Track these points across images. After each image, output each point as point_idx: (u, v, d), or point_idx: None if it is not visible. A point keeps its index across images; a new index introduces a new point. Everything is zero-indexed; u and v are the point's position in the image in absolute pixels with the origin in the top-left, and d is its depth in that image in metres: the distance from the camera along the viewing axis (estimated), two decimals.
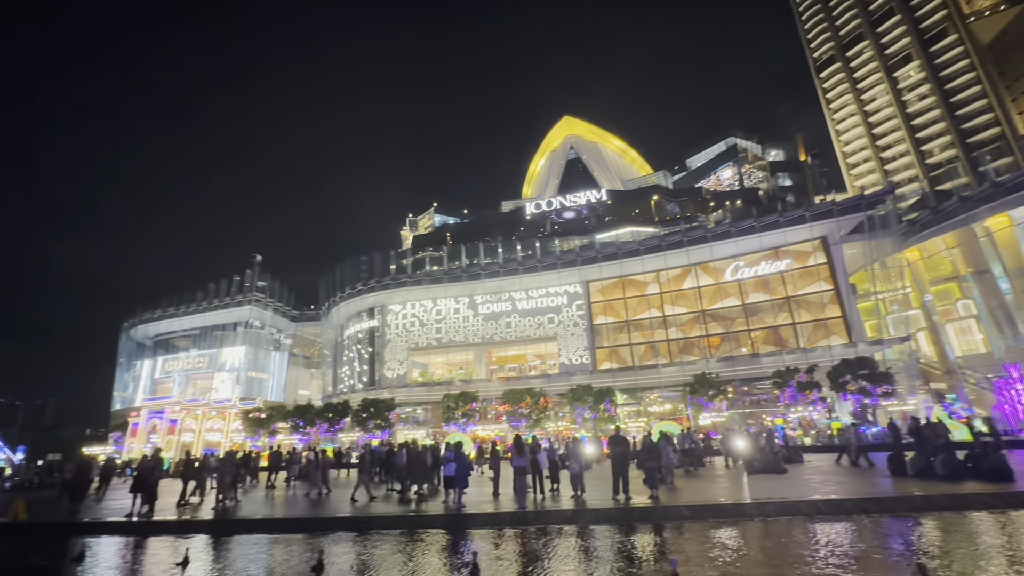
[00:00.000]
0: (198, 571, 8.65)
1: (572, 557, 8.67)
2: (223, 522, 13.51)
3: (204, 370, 70.67)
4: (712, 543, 9.17)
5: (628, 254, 51.41)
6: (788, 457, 21.97)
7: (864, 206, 43.80)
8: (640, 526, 11.12)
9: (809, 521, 10.73)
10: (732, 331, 47.87)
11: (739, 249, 47.86)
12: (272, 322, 73.46)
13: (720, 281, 48.75)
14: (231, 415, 50.55)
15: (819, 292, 45.02)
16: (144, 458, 16.33)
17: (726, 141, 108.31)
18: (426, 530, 11.64)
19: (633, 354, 49.92)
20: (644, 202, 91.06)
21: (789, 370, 36.67)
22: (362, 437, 43.79)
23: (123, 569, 9.35)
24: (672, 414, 44.48)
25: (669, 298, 50.17)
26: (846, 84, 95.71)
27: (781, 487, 14.67)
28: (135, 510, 14.68)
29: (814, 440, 34.74)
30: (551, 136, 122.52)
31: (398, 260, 63.76)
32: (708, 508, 12.06)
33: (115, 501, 19.28)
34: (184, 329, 74.64)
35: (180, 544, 10.95)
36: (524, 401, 41.22)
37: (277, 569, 8.81)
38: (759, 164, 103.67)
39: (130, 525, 13.58)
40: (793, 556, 8.02)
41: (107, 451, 56.89)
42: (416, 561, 8.95)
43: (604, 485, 15.82)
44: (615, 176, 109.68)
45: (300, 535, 11.70)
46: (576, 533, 10.62)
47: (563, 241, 65.22)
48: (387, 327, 57.31)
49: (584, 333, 51.48)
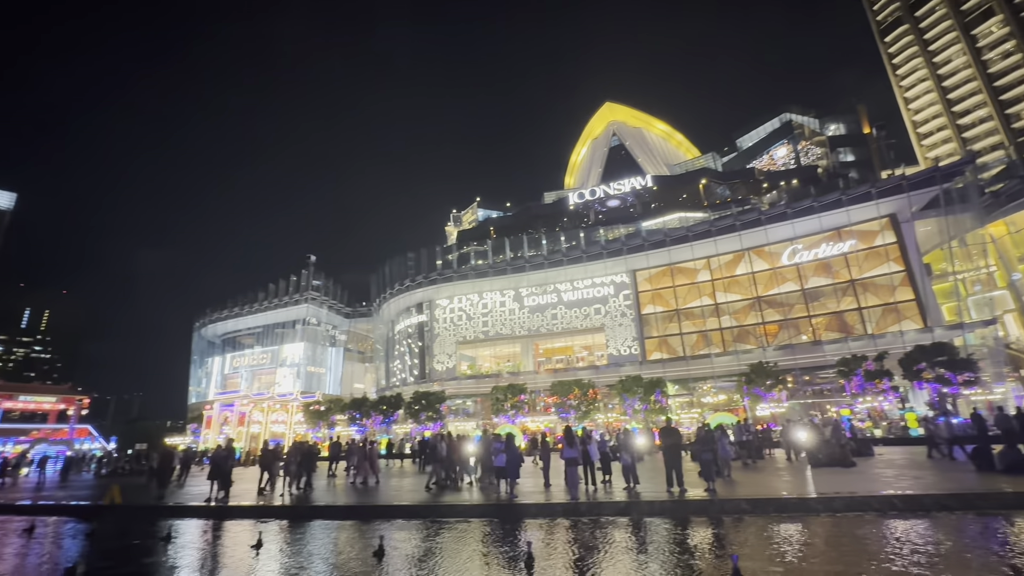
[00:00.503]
0: (271, 553, 9.24)
1: (627, 548, 8.57)
2: (291, 508, 14.32)
3: (267, 366, 75.12)
4: (775, 538, 8.79)
5: (676, 241, 49.85)
6: (856, 450, 20.72)
7: (939, 179, 40.25)
8: (696, 519, 10.83)
9: (883, 518, 10.08)
10: (791, 318, 45.50)
11: (797, 231, 45.31)
12: (327, 319, 76.95)
13: (776, 266, 46.38)
14: (293, 408, 53.40)
15: (888, 274, 41.92)
16: (218, 448, 17.49)
17: (780, 118, 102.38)
18: (480, 519, 11.85)
19: (684, 344, 48.50)
20: (692, 186, 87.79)
21: (855, 358, 34.45)
22: (415, 429, 45.13)
23: (205, 549, 10.11)
24: (727, 405, 42.97)
25: (721, 285, 48.29)
26: (915, 47, 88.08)
27: (849, 481, 13.85)
28: (212, 496, 15.82)
29: (885, 432, 32.55)
30: (592, 124, 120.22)
31: (444, 255, 64.85)
32: (769, 502, 11.56)
33: (195, 487, 20.86)
34: (248, 328, 79.60)
35: (254, 528, 11.70)
36: (572, 393, 41.05)
37: (342, 553, 9.24)
38: (817, 140, 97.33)
39: (208, 509, 14.66)
40: (869, 553, 7.55)
41: (186, 441, 61.72)
42: (472, 548, 9.14)
43: (657, 477, 15.52)
44: (660, 161, 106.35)
45: (360, 522, 12.22)
46: (630, 525, 10.48)
47: (608, 230, 64.07)
48: (435, 321, 58.53)
49: (632, 323, 50.52)
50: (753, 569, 6.86)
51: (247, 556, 9.02)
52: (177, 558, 9.28)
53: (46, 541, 11.51)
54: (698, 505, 11.75)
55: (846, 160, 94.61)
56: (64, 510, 16.45)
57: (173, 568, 8.57)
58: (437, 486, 17.23)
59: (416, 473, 24.21)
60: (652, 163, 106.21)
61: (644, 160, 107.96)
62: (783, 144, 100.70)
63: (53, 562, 9.41)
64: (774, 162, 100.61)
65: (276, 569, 8.13)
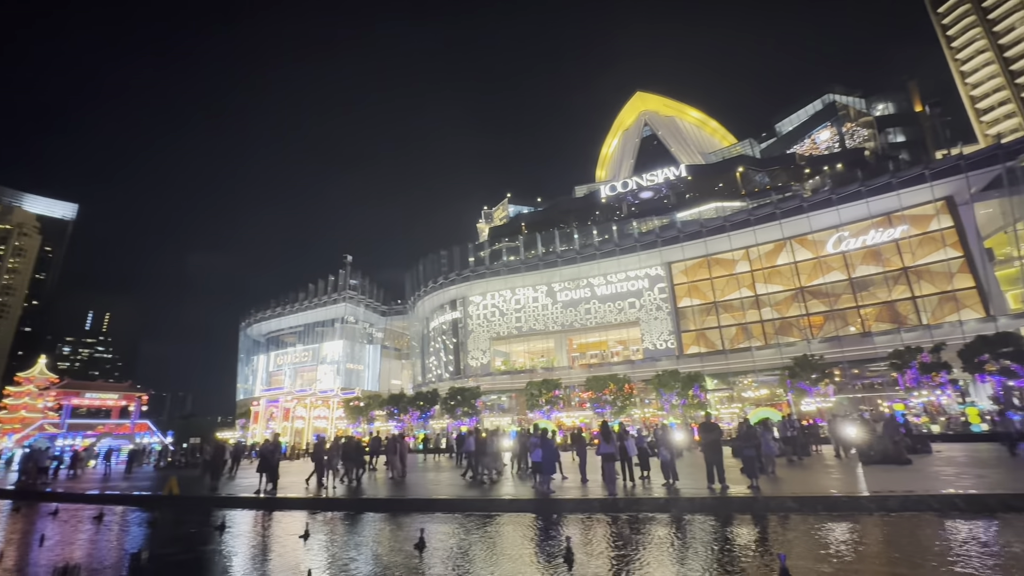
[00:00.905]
0: (317, 543, 9.59)
1: (668, 545, 8.43)
2: (335, 500, 14.79)
3: (309, 363, 77.81)
4: (825, 538, 8.45)
5: (713, 231, 48.51)
6: (912, 446, 19.65)
7: (1002, 157, 37.55)
8: (739, 517, 10.54)
9: (943, 518, 9.53)
10: (837, 308, 43.55)
11: (842, 218, 43.27)
12: (364, 317, 78.92)
13: (820, 254, 44.46)
14: (334, 403, 55.06)
15: (945, 260, 39.51)
16: (265, 442, 18.17)
17: (822, 100, 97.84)
18: (516, 513, 11.91)
19: (723, 337, 47.19)
20: (728, 175, 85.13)
21: (909, 349, 32.69)
22: (451, 424, 45.77)
23: (256, 538, 10.59)
24: (769, 400, 41.60)
25: (761, 276, 46.69)
26: (973, 16, 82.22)
27: (905, 479, 13.16)
28: (261, 488, 16.51)
29: (943, 428, 30.73)
30: (623, 115, 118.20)
31: (476, 253, 65.36)
32: (818, 500, 11.11)
33: (244, 479, 21.83)
34: (290, 327, 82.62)
35: (300, 518, 12.17)
36: (608, 388, 40.67)
37: (385, 544, 9.49)
38: (864, 121, 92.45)
39: (258, 501, 15.32)
40: (929, 555, 7.16)
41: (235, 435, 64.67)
42: (510, 542, 9.20)
43: (697, 473, 15.19)
44: (694, 150, 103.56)
45: (401, 514, 12.50)
46: (670, 521, 10.30)
47: (641, 222, 63.00)
48: (469, 318, 59.08)
49: (668, 317, 49.54)
50: (803, 569, 6.62)
51: (296, 545, 9.39)
52: (231, 546, 9.76)
53: (113, 528, 12.31)
54: (741, 502, 11.42)
55: (896, 141, 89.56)
56: (128, 499, 17.55)
57: (228, 555, 9.02)
58: (474, 480, 17.45)
59: (452, 468, 24.56)
60: (686, 152, 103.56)
61: (678, 150, 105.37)
62: (826, 127, 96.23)
63: (120, 547, 10.06)
64: (816, 146, 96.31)
65: (323, 558, 8.43)
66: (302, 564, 8.03)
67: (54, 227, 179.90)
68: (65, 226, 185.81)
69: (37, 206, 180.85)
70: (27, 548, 10.25)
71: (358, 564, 7.96)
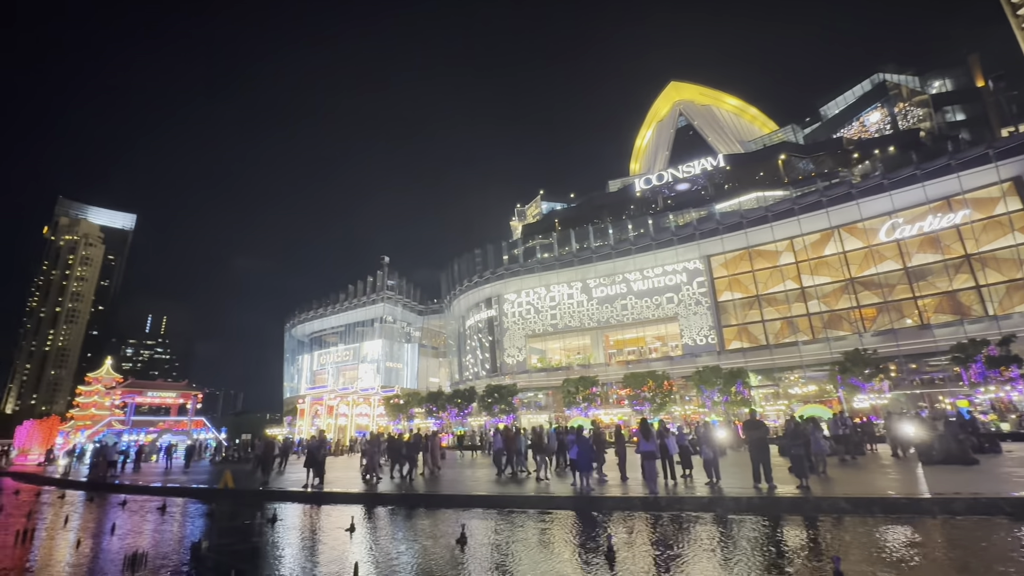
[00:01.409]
0: (363, 535, 9.90)
1: (712, 546, 8.21)
2: (379, 495, 15.20)
3: (350, 362, 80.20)
4: (883, 541, 8.03)
5: (754, 222, 46.85)
6: (979, 445, 18.41)
7: None
8: (788, 518, 10.15)
9: (1016, 523, 8.87)
10: (891, 300, 41.22)
11: (896, 204, 40.90)
12: (402, 317, 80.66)
13: (872, 243, 42.18)
14: (375, 401, 56.50)
15: (1014, 246, 36.74)
16: (312, 439, 18.86)
17: (871, 80, 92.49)
18: (556, 511, 11.90)
19: (767, 331, 45.52)
20: (770, 163, 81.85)
21: (974, 342, 30.60)
22: (488, 421, 46.14)
23: (305, 531, 11.02)
24: (818, 396, 39.86)
25: (807, 267, 44.73)
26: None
27: (971, 480, 12.33)
28: (309, 482, 17.16)
29: (1014, 426, 28.62)
30: (657, 105, 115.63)
31: (510, 250, 65.54)
32: (874, 501, 10.56)
33: (293, 474, 22.73)
34: (332, 327, 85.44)
35: (347, 511, 12.56)
36: (646, 385, 40.00)
37: (428, 538, 9.68)
38: (918, 100, 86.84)
39: (306, 495, 15.93)
40: (1000, 561, 6.69)
41: (283, 432, 67.42)
42: (550, 540, 9.20)
43: (741, 473, 14.74)
44: (732, 139, 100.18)
45: (443, 509, 12.72)
46: (714, 521, 10.04)
47: (678, 215, 61.55)
48: (504, 315, 59.34)
49: (708, 312, 48.21)
50: (860, 574, 6.32)
51: (343, 538, 9.71)
52: (283, 538, 10.21)
53: (175, 518, 13.09)
54: (790, 503, 11.01)
55: (955, 120, 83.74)
56: (188, 492, 18.60)
57: (281, 547, 9.43)
58: (499, 476, 17.72)
59: (490, 464, 24.76)
60: (724, 141, 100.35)
61: (715, 139, 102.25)
62: (876, 108, 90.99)
63: (181, 537, 10.69)
64: (866, 129, 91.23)
65: (369, 551, 8.68)
66: (349, 556, 8.30)
67: (115, 237, 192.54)
68: (125, 236, 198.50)
69: (100, 218, 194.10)
70: (101, 536, 11.03)
71: (403, 558, 8.16)
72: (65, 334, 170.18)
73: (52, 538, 11.12)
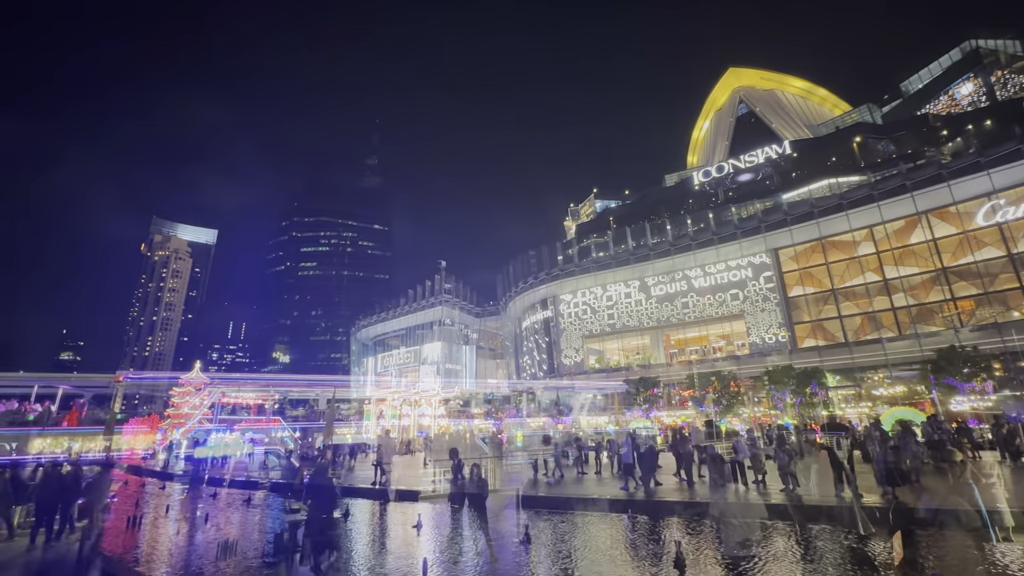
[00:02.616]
0: (428, 532, 10.23)
1: (790, 555, 7.75)
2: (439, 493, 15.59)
3: (411, 364, 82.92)
4: (989, 558, 7.23)
5: (827, 211, 43.71)
6: None
7: None
8: (875, 529, 9.38)
9: None
10: (993, 291, 37.01)
11: (996, 184, 36.75)
12: (460, 319, 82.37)
13: (968, 228, 38.10)
14: (435, 402, 58.00)
15: None
16: (378, 438, 19.67)
17: (961, 48, 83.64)
18: (617, 513, 11.69)
19: (844, 328, 42.26)
20: (843, 147, 76.00)
21: None
22: (547, 422, 46.05)
23: (375, 526, 11.54)
24: (907, 398, 36.50)
25: (890, 257, 41.10)
26: None
27: None
28: (377, 479, 17.90)
29: None
30: (715, 94, 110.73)
31: (564, 251, 65.21)
32: (973, 515, 9.52)
33: (361, 472, 23.79)
34: (394, 331, 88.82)
35: (412, 508, 13.01)
36: (711, 385, 38.39)
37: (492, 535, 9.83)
38: (1019, 67, 77.50)
39: (374, 491, 16.65)
40: None
41: (351, 431, 70.71)
42: (612, 542, 9.05)
43: (821, 480, 13.77)
44: (799, 123, 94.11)
45: (502, 508, 12.85)
46: (790, 530, 9.47)
47: (741, 208, 58.62)
48: (560, 316, 59.05)
49: (777, 308, 45.50)
50: None
51: (410, 534, 10.08)
52: (355, 531, 10.75)
53: (259, 511, 14.10)
54: (875, 512, 10.16)
55: None
56: (269, 487, 19.97)
57: (354, 540, 9.93)
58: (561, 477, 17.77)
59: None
60: (789, 127, 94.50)
61: (779, 125, 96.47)
62: (968, 79, 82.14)
63: (264, 528, 11.51)
64: (956, 103, 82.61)
65: (436, 547, 8.95)
66: (417, 552, 8.59)
67: (200, 250, 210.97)
68: (209, 249, 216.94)
69: (187, 233, 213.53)
70: (195, 525, 12.11)
71: (467, 556, 8.33)
72: (161, 341, 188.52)
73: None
